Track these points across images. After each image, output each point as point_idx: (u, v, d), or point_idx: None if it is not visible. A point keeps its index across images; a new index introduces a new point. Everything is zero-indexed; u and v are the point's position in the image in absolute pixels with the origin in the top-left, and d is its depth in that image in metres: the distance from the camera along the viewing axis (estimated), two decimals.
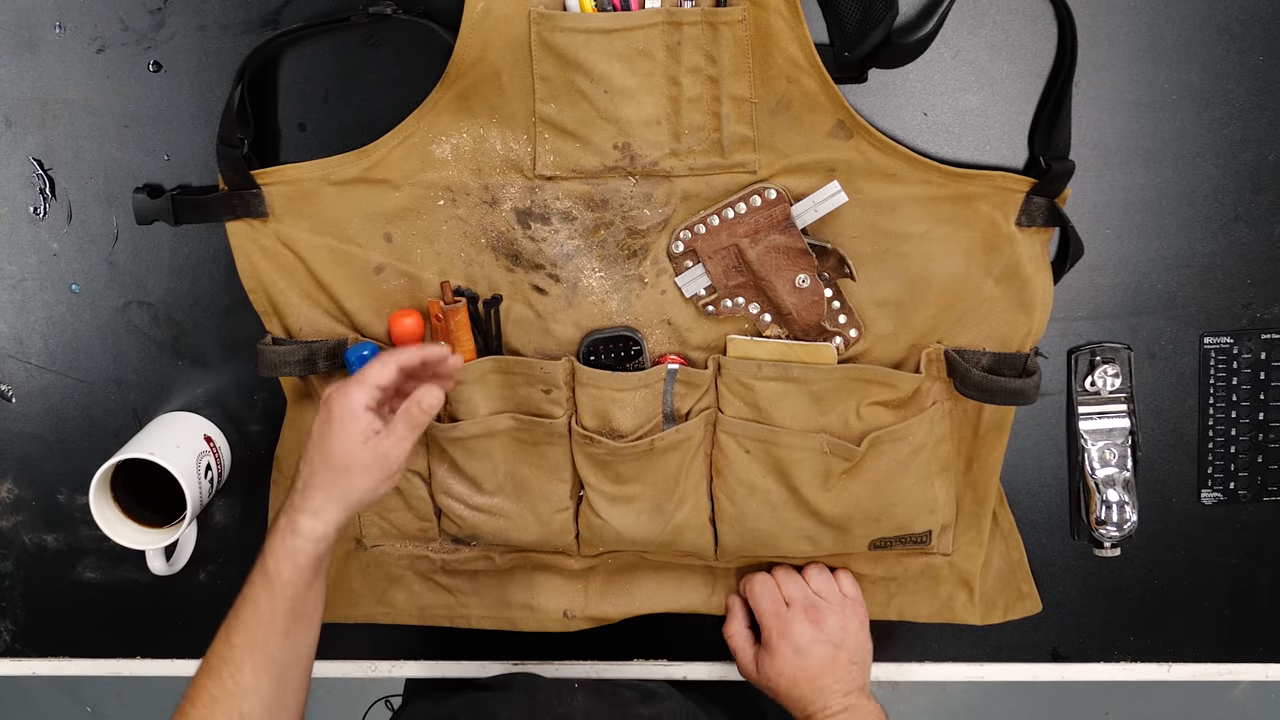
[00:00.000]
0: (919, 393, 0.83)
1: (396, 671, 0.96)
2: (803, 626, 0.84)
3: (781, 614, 0.85)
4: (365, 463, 0.72)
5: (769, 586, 0.87)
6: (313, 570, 0.72)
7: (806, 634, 0.84)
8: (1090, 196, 0.83)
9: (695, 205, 0.80)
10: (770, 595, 0.86)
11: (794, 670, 0.84)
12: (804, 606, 0.85)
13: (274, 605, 0.71)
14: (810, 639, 0.84)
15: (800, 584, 0.87)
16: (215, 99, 0.83)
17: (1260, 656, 0.93)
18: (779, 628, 0.85)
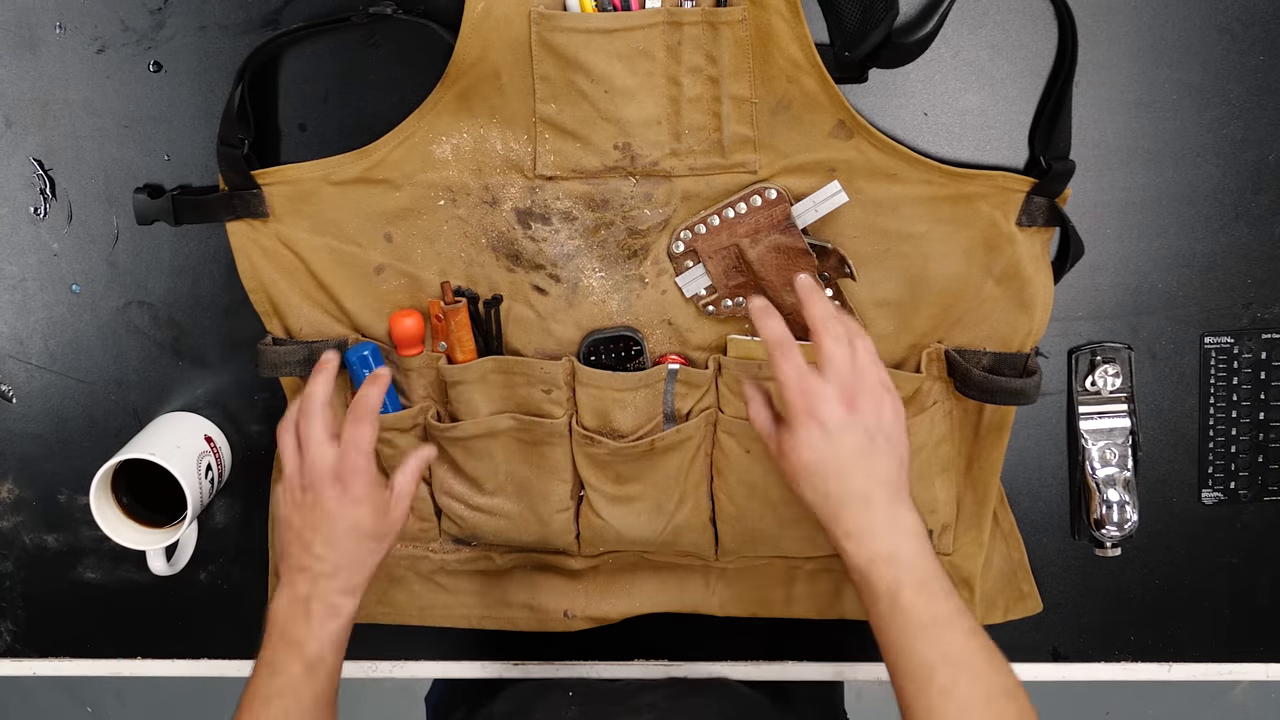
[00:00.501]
0: (919, 393, 0.83)
1: (397, 672, 0.96)
2: (834, 405, 0.68)
3: (809, 386, 0.68)
4: (392, 529, 0.73)
5: (794, 350, 0.69)
6: (344, 650, 0.72)
7: (838, 414, 0.68)
8: (1090, 196, 0.83)
9: (695, 205, 0.80)
10: (798, 362, 0.69)
11: (818, 458, 0.68)
12: (840, 382, 0.69)
13: (317, 690, 0.70)
14: (841, 420, 0.68)
15: (843, 346, 0.69)
16: (215, 99, 0.83)
17: (1260, 656, 0.93)
18: (805, 404, 0.68)
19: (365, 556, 0.72)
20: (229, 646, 0.96)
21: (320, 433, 0.72)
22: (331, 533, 0.71)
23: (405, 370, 0.83)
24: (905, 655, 0.66)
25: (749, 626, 0.92)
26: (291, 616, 0.70)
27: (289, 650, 0.70)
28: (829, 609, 0.90)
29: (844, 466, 0.68)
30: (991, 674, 0.66)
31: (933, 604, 0.66)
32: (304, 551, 0.71)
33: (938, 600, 0.66)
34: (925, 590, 0.66)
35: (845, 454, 0.68)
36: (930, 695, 0.65)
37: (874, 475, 0.68)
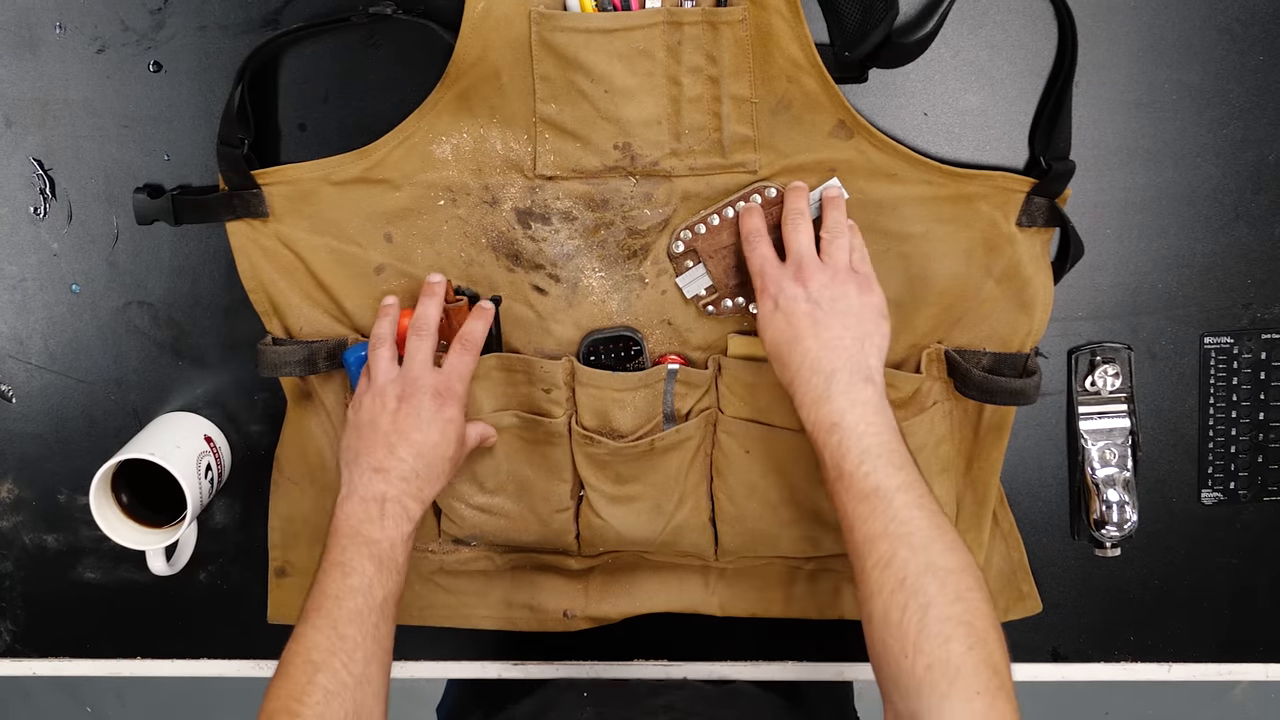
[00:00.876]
0: (919, 393, 0.83)
1: (397, 672, 0.96)
2: (785, 281, 0.74)
3: (768, 271, 0.75)
4: (459, 460, 0.78)
5: (761, 241, 0.76)
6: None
7: (788, 288, 0.74)
8: (1090, 196, 0.83)
9: (696, 205, 0.80)
10: (762, 250, 0.76)
11: (775, 331, 0.73)
12: (796, 263, 0.74)
13: (387, 590, 0.71)
14: (792, 294, 0.73)
15: (805, 239, 0.75)
16: (215, 99, 0.83)
17: (1260, 656, 0.93)
18: (762, 284, 0.75)
19: (439, 472, 0.75)
20: (229, 646, 0.96)
21: (426, 352, 0.77)
22: (420, 441, 0.74)
23: None
24: (850, 526, 0.67)
25: (749, 626, 0.92)
26: (365, 517, 0.72)
27: (361, 549, 0.71)
28: (829, 609, 0.90)
29: (797, 333, 0.72)
30: (934, 546, 0.64)
31: (876, 474, 0.67)
32: (388, 454, 0.74)
33: (883, 471, 0.67)
34: (870, 459, 0.67)
35: (797, 322, 0.72)
36: (868, 568, 0.65)
37: (826, 343, 0.71)
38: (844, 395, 0.70)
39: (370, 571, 0.70)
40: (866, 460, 0.68)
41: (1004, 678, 0.61)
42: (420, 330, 0.78)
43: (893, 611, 0.63)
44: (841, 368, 0.71)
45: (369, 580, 0.70)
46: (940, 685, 0.60)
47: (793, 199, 0.77)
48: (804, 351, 0.72)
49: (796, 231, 0.76)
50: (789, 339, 0.72)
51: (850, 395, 0.70)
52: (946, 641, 0.61)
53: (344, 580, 0.70)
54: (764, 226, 0.77)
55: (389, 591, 0.71)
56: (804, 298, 0.73)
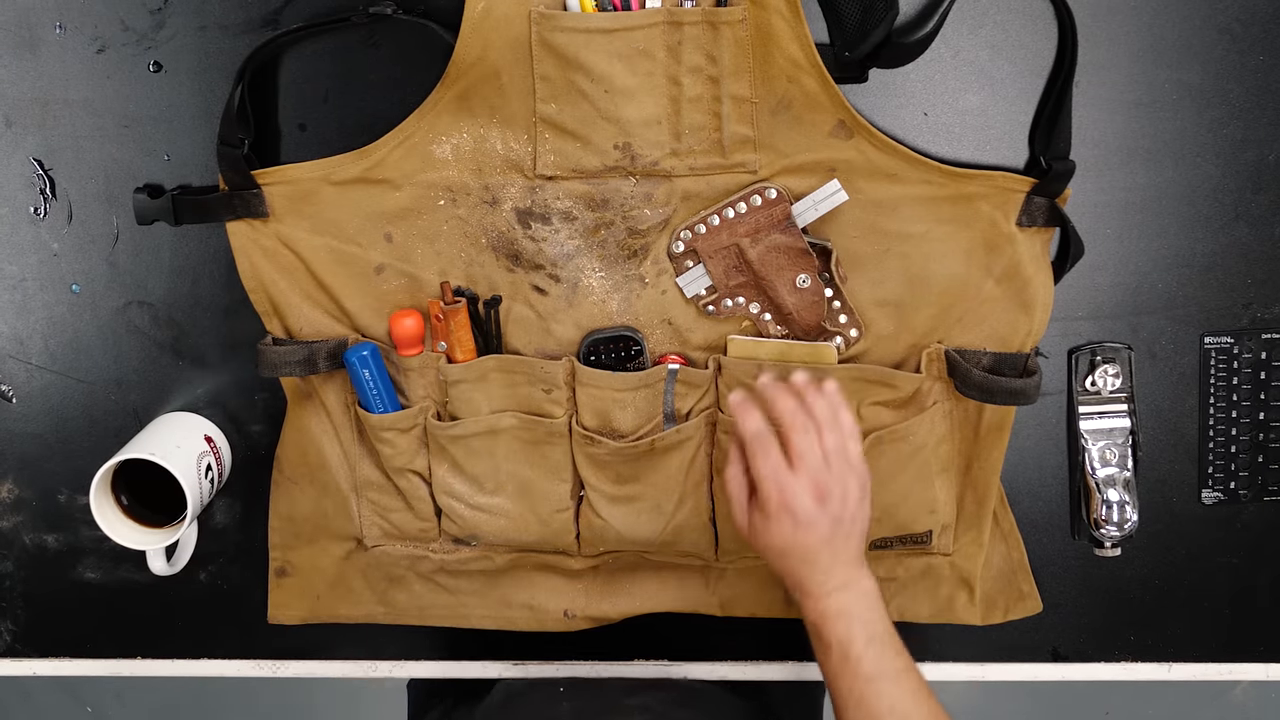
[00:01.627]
0: (919, 393, 0.83)
1: (397, 671, 0.96)
2: (806, 501, 0.72)
3: (784, 482, 0.73)
4: None
5: (771, 447, 0.73)
6: None
7: (809, 509, 0.72)
8: (1090, 196, 0.83)
9: (696, 205, 0.80)
10: (774, 460, 0.73)
11: (788, 543, 0.73)
12: (811, 477, 0.73)
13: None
14: (812, 514, 0.72)
15: (812, 442, 0.73)
16: (215, 99, 0.83)
17: (1260, 656, 0.93)
18: (780, 498, 0.72)
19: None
20: (229, 646, 0.96)
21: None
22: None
23: (405, 370, 0.83)
24: (855, 703, 0.70)
25: (749, 626, 0.92)
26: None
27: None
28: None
29: (811, 551, 0.73)
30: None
31: (882, 660, 0.71)
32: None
33: (887, 657, 0.71)
34: (875, 644, 0.71)
35: (813, 541, 0.73)
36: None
37: (837, 556, 0.73)
38: (850, 589, 0.73)
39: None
40: (873, 645, 0.71)
41: None
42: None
43: None
44: (846, 565, 0.73)
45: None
46: None
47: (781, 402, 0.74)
48: (817, 563, 0.73)
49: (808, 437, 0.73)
50: (801, 555, 0.73)
51: (858, 588, 0.73)
52: None
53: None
54: (766, 427, 0.73)
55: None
56: (823, 517, 0.73)
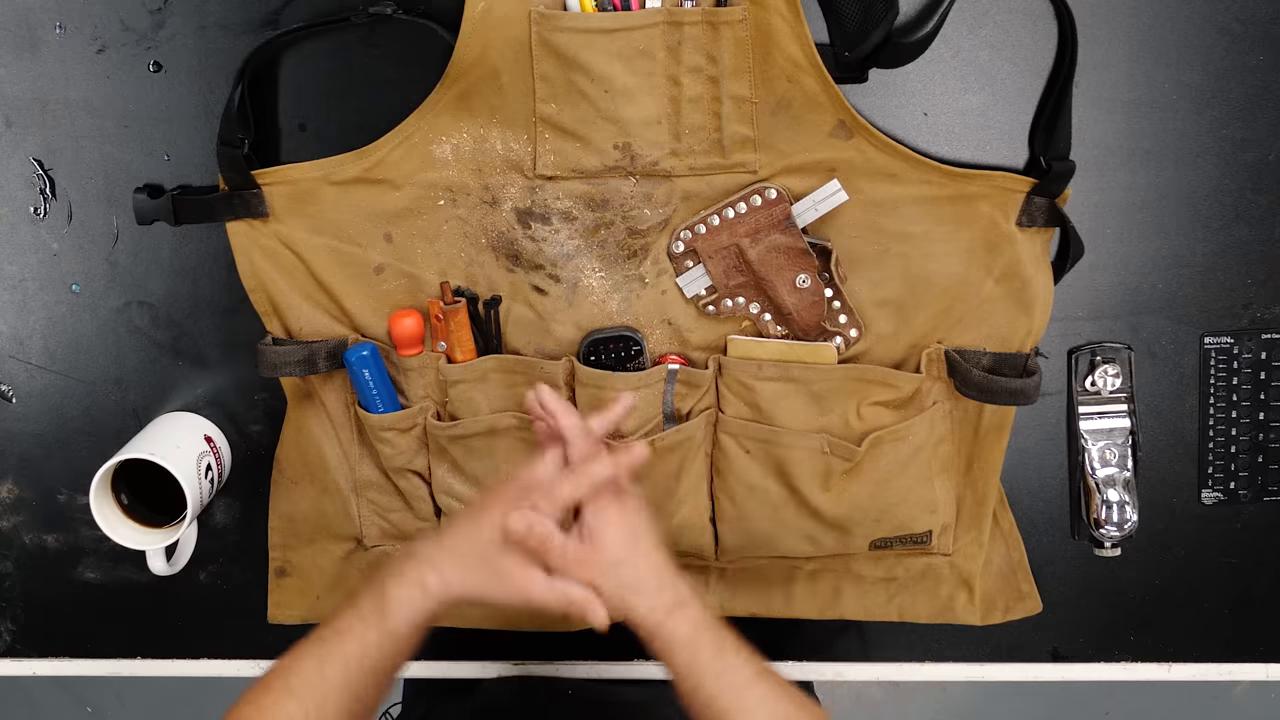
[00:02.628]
0: (919, 393, 0.83)
1: None
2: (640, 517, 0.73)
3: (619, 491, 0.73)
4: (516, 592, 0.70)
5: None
6: (418, 634, 0.70)
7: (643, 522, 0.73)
8: (1090, 196, 0.83)
9: (696, 205, 0.80)
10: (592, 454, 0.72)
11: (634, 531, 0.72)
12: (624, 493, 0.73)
13: (383, 654, 0.69)
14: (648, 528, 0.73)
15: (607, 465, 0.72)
16: (215, 99, 0.83)
17: (1260, 656, 0.93)
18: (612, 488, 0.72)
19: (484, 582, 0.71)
20: (229, 646, 0.96)
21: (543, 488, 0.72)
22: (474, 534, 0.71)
23: (405, 370, 0.83)
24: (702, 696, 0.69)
25: (749, 626, 0.92)
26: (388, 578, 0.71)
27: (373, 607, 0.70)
28: (829, 609, 0.90)
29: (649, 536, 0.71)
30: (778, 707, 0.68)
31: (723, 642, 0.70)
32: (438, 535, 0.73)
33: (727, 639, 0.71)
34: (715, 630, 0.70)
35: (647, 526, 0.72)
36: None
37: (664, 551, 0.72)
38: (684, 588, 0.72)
39: (373, 627, 0.69)
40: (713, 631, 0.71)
41: None
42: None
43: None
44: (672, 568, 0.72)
45: (368, 636, 0.69)
46: None
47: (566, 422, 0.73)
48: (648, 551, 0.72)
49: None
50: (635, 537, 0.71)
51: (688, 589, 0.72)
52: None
53: (349, 627, 0.69)
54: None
55: (386, 658, 0.69)
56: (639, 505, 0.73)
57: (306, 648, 0.69)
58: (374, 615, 0.69)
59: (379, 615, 0.69)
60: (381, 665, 0.69)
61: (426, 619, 0.70)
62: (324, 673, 0.68)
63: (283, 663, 0.69)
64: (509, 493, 0.71)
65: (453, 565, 0.70)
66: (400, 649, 0.70)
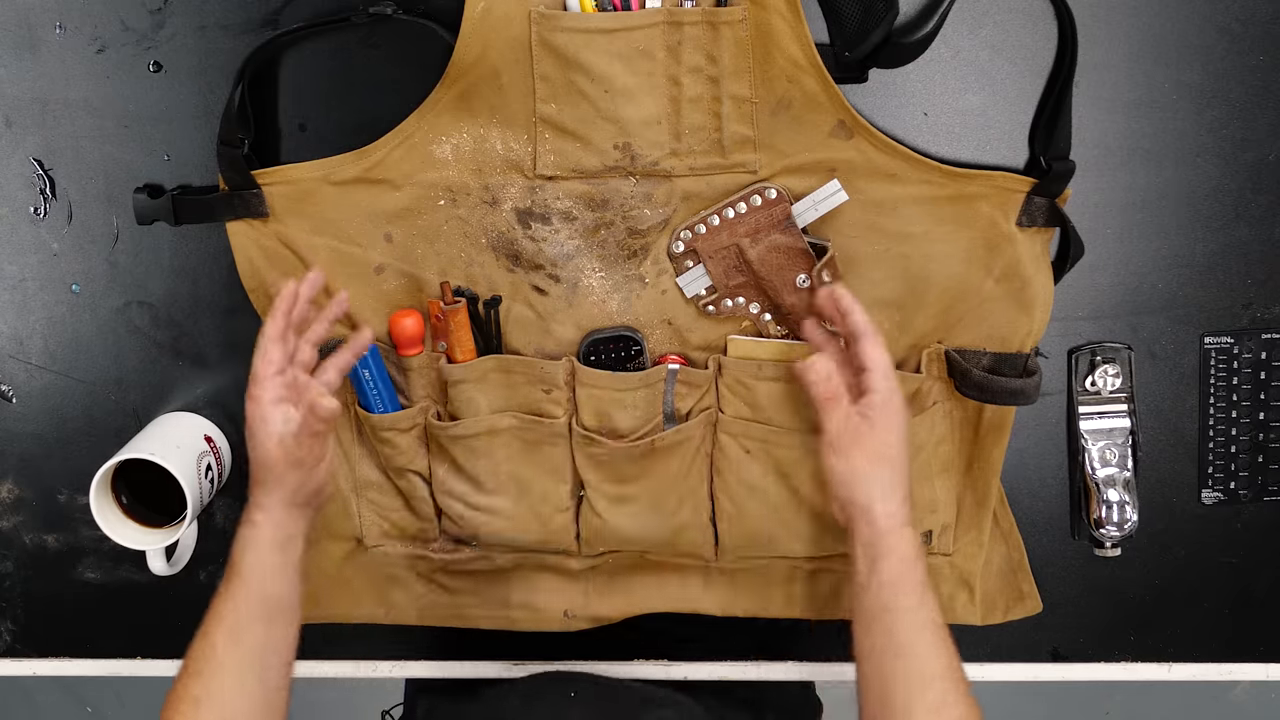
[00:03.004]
0: (919, 393, 0.83)
1: (397, 671, 0.96)
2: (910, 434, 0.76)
3: (898, 384, 0.75)
4: (285, 463, 0.74)
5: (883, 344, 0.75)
6: (274, 558, 0.74)
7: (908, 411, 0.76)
8: (1090, 196, 0.83)
9: (696, 205, 0.80)
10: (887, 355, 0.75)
11: (905, 439, 0.75)
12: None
13: (245, 595, 0.73)
14: (909, 418, 0.76)
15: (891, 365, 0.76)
16: (215, 99, 0.83)
17: (1260, 656, 0.93)
18: (899, 396, 0.75)
19: (267, 480, 0.74)
20: None
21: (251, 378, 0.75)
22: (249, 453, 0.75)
23: (405, 370, 0.83)
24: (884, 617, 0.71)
25: (749, 626, 0.92)
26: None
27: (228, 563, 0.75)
28: (829, 609, 0.90)
29: (909, 452, 0.75)
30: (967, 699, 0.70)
31: (927, 581, 0.72)
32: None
33: (928, 580, 0.73)
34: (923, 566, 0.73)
35: (906, 445, 0.75)
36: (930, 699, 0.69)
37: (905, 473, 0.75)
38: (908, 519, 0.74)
39: (231, 579, 0.73)
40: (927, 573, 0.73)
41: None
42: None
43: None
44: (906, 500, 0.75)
45: (230, 588, 0.73)
46: None
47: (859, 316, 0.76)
48: (906, 463, 0.75)
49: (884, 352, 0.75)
50: (905, 445, 0.75)
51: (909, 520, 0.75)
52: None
53: (217, 590, 0.74)
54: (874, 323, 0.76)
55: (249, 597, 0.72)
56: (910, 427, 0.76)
57: (200, 629, 0.73)
58: (230, 570, 0.73)
59: (232, 567, 0.73)
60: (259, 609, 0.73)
61: (275, 546, 0.74)
62: (212, 642, 0.71)
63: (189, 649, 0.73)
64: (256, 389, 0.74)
65: (263, 493, 0.74)
66: (269, 584, 0.73)
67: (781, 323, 0.82)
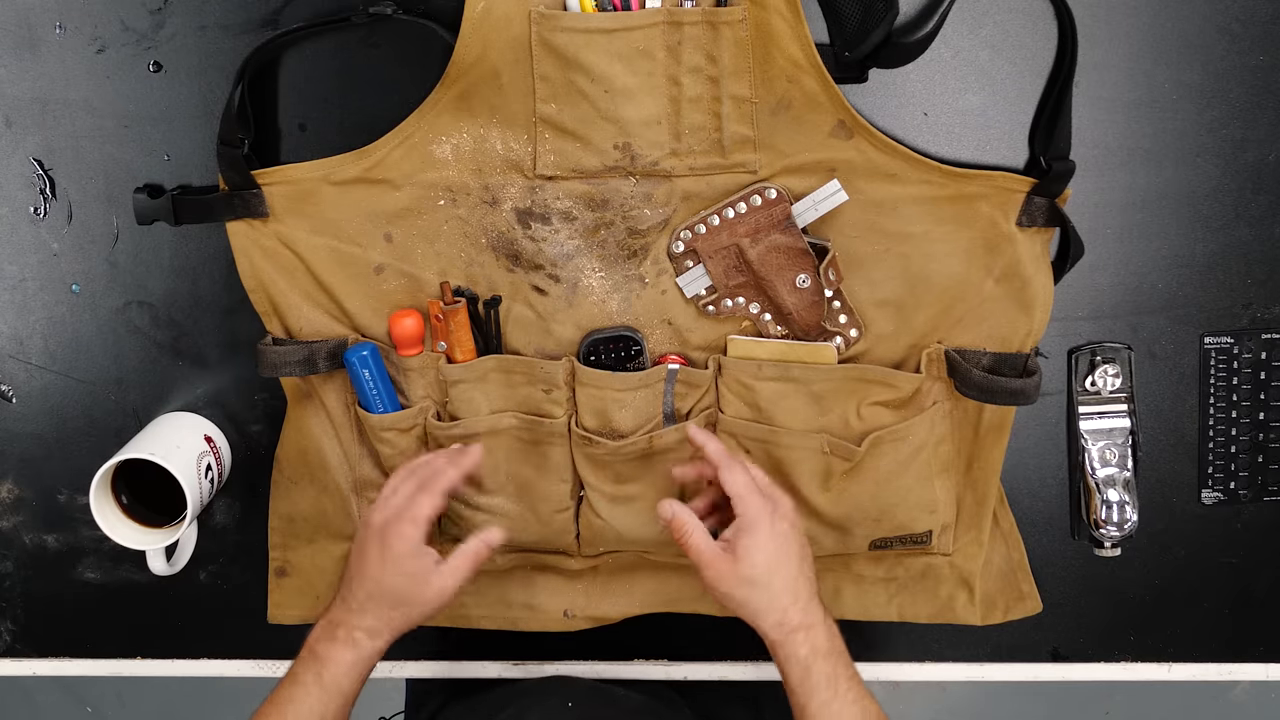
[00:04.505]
0: (919, 393, 0.83)
1: (396, 672, 0.96)
2: (790, 511, 0.76)
3: (771, 494, 0.76)
4: (426, 599, 0.76)
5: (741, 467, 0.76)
6: (362, 674, 0.77)
7: (792, 517, 0.76)
8: (1090, 196, 0.83)
9: (696, 205, 0.80)
10: (748, 475, 0.76)
11: (778, 551, 0.74)
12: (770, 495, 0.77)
13: (326, 709, 0.75)
14: (795, 523, 0.76)
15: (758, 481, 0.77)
16: (215, 99, 0.83)
17: (1260, 656, 0.93)
18: (770, 507, 0.75)
19: (393, 612, 0.76)
20: (229, 646, 0.96)
21: (404, 491, 0.78)
22: (367, 581, 0.76)
23: (405, 370, 0.83)
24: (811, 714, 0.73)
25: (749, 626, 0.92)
26: (320, 637, 0.77)
27: (310, 665, 0.76)
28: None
29: (792, 561, 0.74)
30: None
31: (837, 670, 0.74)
32: (347, 585, 0.77)
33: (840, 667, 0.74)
34: (831, 658, 0.74)
35: (794, 551, 0.75)
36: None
37: (804, 574, 0.75)
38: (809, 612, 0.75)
39: (311, 686, 0.75)
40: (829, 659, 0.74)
41: None
42: (412, 470, 0.80)
43: None
44: (809, 593, 0.75)
45: (308, 693, 0.75)
46: None
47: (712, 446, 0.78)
48: (798, 586, 0.75)
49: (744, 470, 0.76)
50: (784, 563, 0.74)
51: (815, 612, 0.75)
52: None
53: (289, 689, 0.75)
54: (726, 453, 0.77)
55: (328, 709, 0.75)
56: (794, 526, 0.76)
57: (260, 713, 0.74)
58: (314, 683, 0.75)
59: (322, 684, 0.75)
60: (329, 713, 0.75)
61: (368, 669, 0.77)
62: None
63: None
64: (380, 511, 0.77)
65: (375, 616, 0.76)
66: (347, 695, 0.76)
67: (781, 323, 0.82)
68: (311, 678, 0.75)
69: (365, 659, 0.76)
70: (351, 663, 0.76)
